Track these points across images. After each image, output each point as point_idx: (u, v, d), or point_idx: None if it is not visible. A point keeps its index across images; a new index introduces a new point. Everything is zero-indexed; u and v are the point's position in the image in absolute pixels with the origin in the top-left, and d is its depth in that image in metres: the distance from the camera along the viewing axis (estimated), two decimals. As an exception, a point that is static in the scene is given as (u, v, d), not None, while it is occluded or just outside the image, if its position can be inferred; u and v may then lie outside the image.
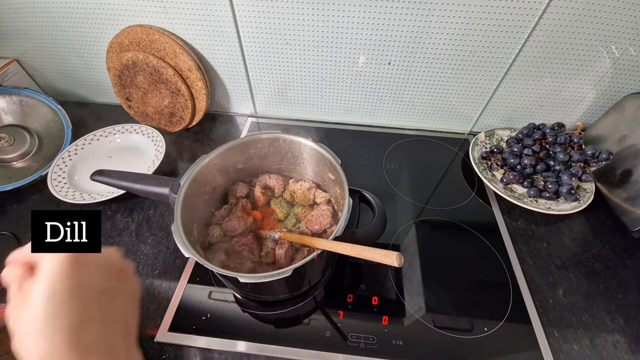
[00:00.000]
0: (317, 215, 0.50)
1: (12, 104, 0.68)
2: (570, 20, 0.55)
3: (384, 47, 0.62)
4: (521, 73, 0.63)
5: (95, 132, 0.70)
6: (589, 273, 0.53)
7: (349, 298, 0.49)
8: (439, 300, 0.49)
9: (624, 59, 0.59)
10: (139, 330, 0.26)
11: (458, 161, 0.71)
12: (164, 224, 0.58)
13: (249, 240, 0.48)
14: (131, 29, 0.64)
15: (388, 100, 0.72)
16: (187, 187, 0.43)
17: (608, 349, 0.45)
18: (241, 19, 0.61)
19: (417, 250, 0.54)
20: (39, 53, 0.73)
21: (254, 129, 0.78)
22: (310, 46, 0.63)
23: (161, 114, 0.72)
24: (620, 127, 0.60)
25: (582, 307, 0.49)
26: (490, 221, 0.60)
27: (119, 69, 0.67)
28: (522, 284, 0.51)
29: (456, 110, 0.73)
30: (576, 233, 0.59)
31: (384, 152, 0.72)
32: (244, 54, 0.67)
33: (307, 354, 0.43)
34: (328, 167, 0.49)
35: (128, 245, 0.55)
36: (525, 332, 0.46)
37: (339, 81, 0.69)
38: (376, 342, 0.44)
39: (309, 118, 0.79)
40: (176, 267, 0.52)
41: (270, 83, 0.72)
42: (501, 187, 0.62)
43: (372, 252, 0.33)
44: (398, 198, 0.63)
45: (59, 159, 0.64)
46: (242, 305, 0.48)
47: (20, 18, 0.67)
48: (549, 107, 0.70)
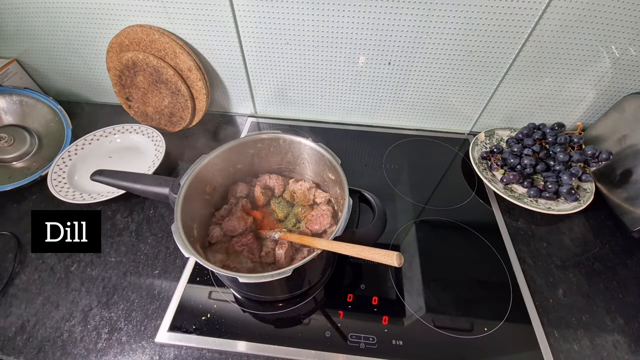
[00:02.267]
0: (317, 215, 0.50)
1: (12, 104, 0.68)
2: (570, 20, 0.55)
3: (384, 47, 0.62)
4: (521, 73, 0.63)
5: (95, 132, 0.70)
6: (589, 273, 0.53)
7: (349, 298, 0.49)
8: (439, 300, 0.49)
9: (624, 59, 0.59)
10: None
11: (458, 161, 0.71)
12: (163, 224, 0.58)
13: (249, 240, 0.48)
14: (131, 29, 0.64)
15: (388, 100, 0.72)
16: (187, 187, 0.43)
17: (608, 349, 0.45)
18: (241, 19, 0.61)
19: (417, 250, 0.54)
20: (39, 53, 0.73)
21: (254, 129, 0.78)
22: (310, 46, 0.63)
23: (161, 114, 0.72)
24: (620, 127, 0.60)
25: (582, 307, 0.49)
26: (490, 221, 0.60)
27: (119, 69, 0.67)
28: (522, 284, 0.51)
29: (456, 110, 0.73)
30: (576, 233, 0.59)
31: (384, 152, 0.72)
32: (244, 54, 0.67)
33: (307, 354, 0.43)
34: (328, 167, 0.49)
35: (128, 245, 0.55)
36: (525, 332, 0.46)
37: (339, 81, 0.69)
38: (376, 342, 0.44)
39: (309, 118, 0.79)
40: (176, 267, 0.52)
41: (270, 83, 0.72)
42: (501, 187, 0.62)
43: (373, 252, 0.33)
44: (398, 198, 0.63)
45: (59, 159, 0.64)
46: (242, 305, 0.48)
47: (20, 18, 0.67)
48: (549, 107, 0.70)
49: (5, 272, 0.51)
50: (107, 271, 0.52)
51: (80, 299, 0.49)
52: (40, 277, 0.51)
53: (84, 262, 0.52)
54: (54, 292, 0.49)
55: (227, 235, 0.49)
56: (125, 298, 0.49)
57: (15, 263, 0.52)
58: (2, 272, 0.51)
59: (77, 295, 0.49)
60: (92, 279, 0.51)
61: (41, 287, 0.50)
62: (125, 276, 0.51)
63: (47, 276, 0.51)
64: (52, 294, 0.49)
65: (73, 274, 0.51)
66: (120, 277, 0.51)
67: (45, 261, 0.53)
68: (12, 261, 0.52)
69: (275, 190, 0.55)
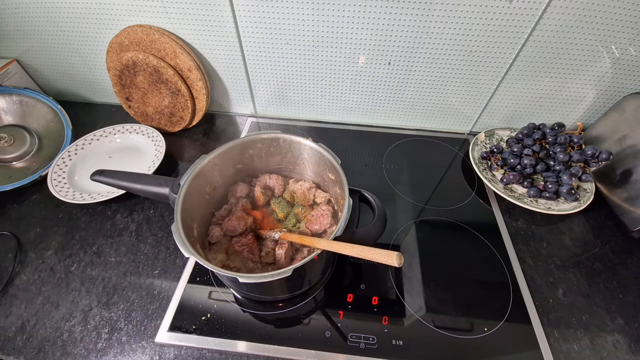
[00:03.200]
0: (317, 215, 0.50)
1: (12, 104, 0.68)
2: (570, 21, 0.55)
3: (384, 47, 0.62)
4: (521, 73, 0.63)
5: (95, 132, 0.70)
6: (589, 273, 0.53)
7: (349, 298, 0.49)
8: (439, 300, 0.49)
9: (624, 59, 0.59)
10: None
11: (458, 161, 0.71)
12: (163, 224, 0.58)
13: (249, 240, 0.48)
14: (131, 29, 0.64)
15: (388, 100, 0.72)
16: (187, 187, 0.43)
17: (608, 349, 0.45)
18: (241, 19, 0.61)
19: (417, 250, 0.54)
20: (39, 53, 0.73)
21: (254, 129, 0.78)
22: (310, 46, 0.63)
23: (161, 114, 0.72)
24: (620, 127, 0.60)
25: (582, 307, 0.49)
26: (490, 221, 0.60)
27: (119, 69, 0.67)
28: (522, 284, 0.51)
29: (456, 110, 0.73)
30: (576, 233, 0.59)
31: (384, 152, 0.72)
32: (244, 54, 0.67)
33: (307, 354, 0.43)
34: (328, 167, 0.49)
35: (128, 245, 0.55)
36: (525, 332, 0.46)
37: (339, 81, 0.69)
38: (376, 342, 0.44)
39: (309, 118, 0.79)
40: (176, 267, 0.52)
41: (270, 83, 0.72)
42: (501, 187, 0.62)
43: (372, 252, 0.33)
44: (398, 198, 0.63)
45: (59, 159, 0.64)
46: (242, 305, 0.48)
47: (20, 18, 0.67)
48: (549, 107, 0.70)
49: (5, 272, 0.51)
50: (107, 271, 0.52)
51: (80, 299, 0.49)
52: (40, 277, 0.51)
53: (84, 262, 0.53)
54: (54, 292, 0.49)
55: (227, 235, 0.49)
56: (125, 298, 0.49)
57: (15, 263, 0.52)
58: (2, 272, 0.51)
59: (77, 295, 0.49)
60: (92, 279, 0.51)
61: (41, 287, 0.50)
62: (125, 276, 0.51)
63: (47, 276, 0.51)
64: (52, 294, 0.49)
65: (73, 274, 0.51)
66: (120, 277, 0.51)
67: (45, 261, 0.53)
68: (12, 261, 0.52)
69: (275, 190, 0.55)
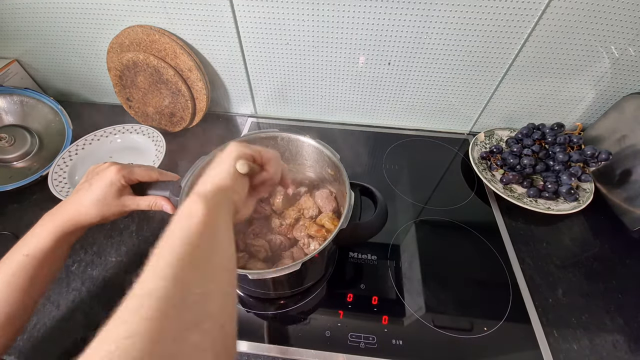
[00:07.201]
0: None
1: (13, 104, 0.68)
2: (570, 20, 0.55)
3: (383, 47, 0.62)
4: (521, 73, 0.63)
5: (96, 132, 0.70)
6: (588, 273, 0.53)
7: (349, 298, 0.49)
8: (439, 300, 0.49)
9: (623, 59, 0.59)
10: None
11: (458, 161, 0.71)
12: (164, 223, 0.58)
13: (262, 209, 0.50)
14: (131, 29, 0.64)
15: (388, 100, 0.72)
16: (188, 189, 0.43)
17: (607, 349, 0.45)
18: (241, 19, 0.61)
19: (417, 250, 0.55)
20: (39, 53, 0.73)
21: (254, 129, 0.78)
22: (310, 46, 0.63)
23: (161, 114, 0.72)
24: (619, 127, 0.61)
25: (581, 307, 0.49)
26: (490, 221, 0.60)
27: (120, 70, 0.67)
28: (521, 284, 0.51)
29: (456, 110, 0.73)
30: (576, 233, 0.59)
31: (384, 152, 0.72)
32: (244, 54, 0.67)
33: (307, 353, 0.43)
34: (327, 163, 0.49)
35: (129, 245, 0.55)
36: (525, 331, 0.46)
37: (339, 81, 0.70)
38: (376, 341, 0.44)
39: (309, 118, 0.79)
40: (176, 267, 0.52)
41: (270, 83, 0.72)
42: (501, 187, 0.62)
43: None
44: (398, 198, 0.63)
45: (60, 159, 0.64)
46: (243, 305, 0.48)
47: (20, 18, 0.67)
48: (548, 107, 0.70)
49: (6, 272, 0.51)
50: (107, 271, 0.52)
51: (80, 299, 0.49)
52: (40, 277, 0.51)
53: (84, 262, 0.53)
54: (54, 292, 0.49)
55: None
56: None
57: (15, 263, 0.52)
58: (3, 272, 0.51)
59: (78, 295, 0.49)
60: (93, 279, 0.51)
61: (42, 286, 0.50)
62: (126, 276, 0.51)
63: (47, 276, 0.51)
64: (53, 294, 0.49)
65: (73, 273, 0.51)
66: (121, 276, 0.51)
67: (46, 261, 0.53)
68: (12, 261, 0.52)
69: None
